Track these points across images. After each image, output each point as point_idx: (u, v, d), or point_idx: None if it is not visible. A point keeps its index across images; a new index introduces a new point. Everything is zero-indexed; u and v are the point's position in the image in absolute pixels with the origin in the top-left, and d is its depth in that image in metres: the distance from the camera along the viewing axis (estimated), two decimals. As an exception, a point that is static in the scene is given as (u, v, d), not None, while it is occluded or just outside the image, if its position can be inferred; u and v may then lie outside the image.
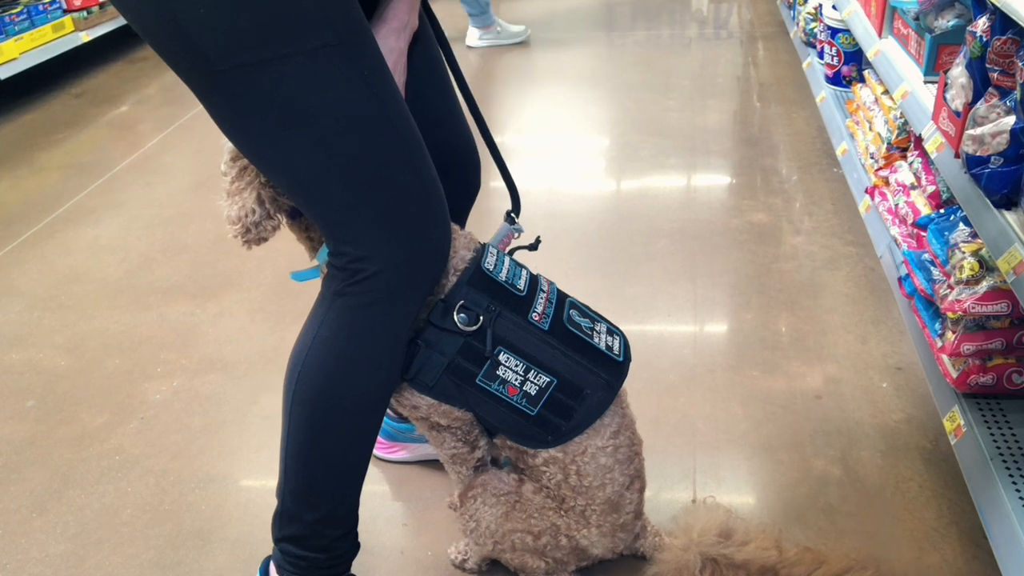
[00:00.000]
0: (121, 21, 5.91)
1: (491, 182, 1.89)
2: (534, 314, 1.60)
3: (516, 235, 1.83)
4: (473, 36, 6.01)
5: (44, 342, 2.95)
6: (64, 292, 3.24)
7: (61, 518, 2.20)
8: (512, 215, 1.83)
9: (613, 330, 1.72)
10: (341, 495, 1.68)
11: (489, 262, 1.61)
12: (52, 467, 2.38)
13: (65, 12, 5.48)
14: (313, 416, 1.56)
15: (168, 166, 4.35)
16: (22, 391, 2.70)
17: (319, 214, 1.44)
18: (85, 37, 5.60)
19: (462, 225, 1.87)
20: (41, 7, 5.25)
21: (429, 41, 1.70)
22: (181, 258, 3.43)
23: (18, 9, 5.08)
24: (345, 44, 1.31)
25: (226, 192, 1.55)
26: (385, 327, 1.50)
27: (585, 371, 1.62)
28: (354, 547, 1.77)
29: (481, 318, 1.56)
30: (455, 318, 1.55)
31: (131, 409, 2.58)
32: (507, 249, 1.81)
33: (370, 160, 1.38)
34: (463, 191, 1.88)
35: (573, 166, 4.08)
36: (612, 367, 1.65)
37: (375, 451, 2.28)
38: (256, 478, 2.30)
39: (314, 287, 1.59)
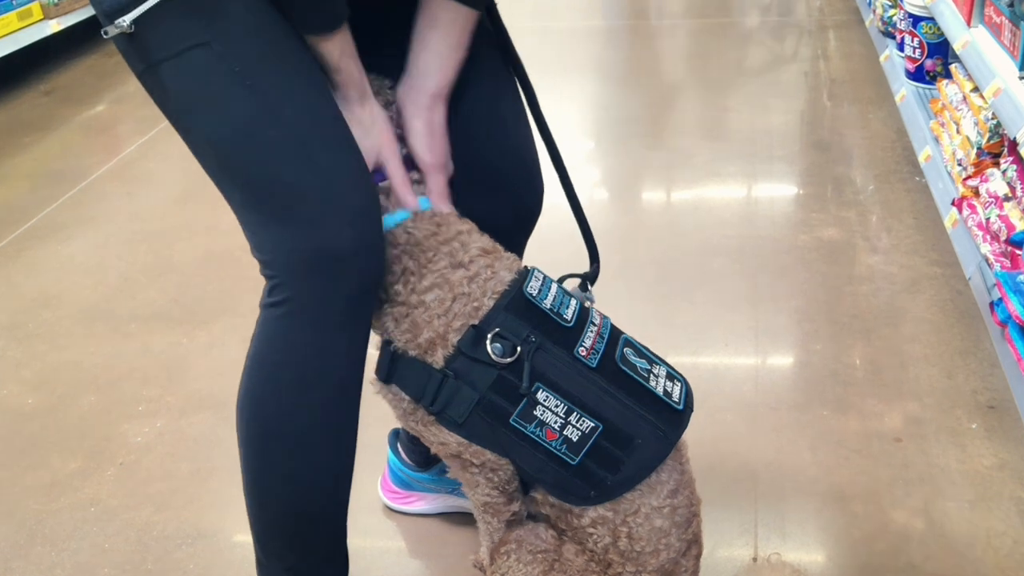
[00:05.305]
0: (97, 10, 5.98)
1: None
2: (581, 348, 1.59)
3: (589, 304, 1.79)
4: None
5: (9, 376, 2.98)
6: (32, 319, 3.28)
7: (30, 577, 2.23)
8: (587, 283, 1.81)
9: (674, 375, 1.70)
10: (302, 540, 1.71)
11: (533, 287, 1.61)
12: (18, 519, 2.40)
13: (33, -3, 5.52)
14: (256, 447, 1.63)
15: (151, 174, 4.40)
16: (-15, 432, 2.73)
17: (237, 217, 1.55)
18: (56, 26, 5.63)
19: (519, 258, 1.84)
20: (5, -9, 5.31)
21: (493, 67, 1.74)
22: (166, 280, 3.46)
23: (-21, -5, 5.14)
24: (214, 44, 1.41)
25: None
26: (306, 340, 1.54)
27: (637, 418, 1.60)
28: None
29: (519, 349, 1.55)
30: (488, 347, 1.55)
31: (109, 453, 2.60)
32: None
33: (250, 157, 1.47)
34: (511, 214, 1.86)
35: (616, 174, 4.12)
36: (670, 416, 1.63)
37: (387, 502, 2.31)
38: (251, 533, 2.31)
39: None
